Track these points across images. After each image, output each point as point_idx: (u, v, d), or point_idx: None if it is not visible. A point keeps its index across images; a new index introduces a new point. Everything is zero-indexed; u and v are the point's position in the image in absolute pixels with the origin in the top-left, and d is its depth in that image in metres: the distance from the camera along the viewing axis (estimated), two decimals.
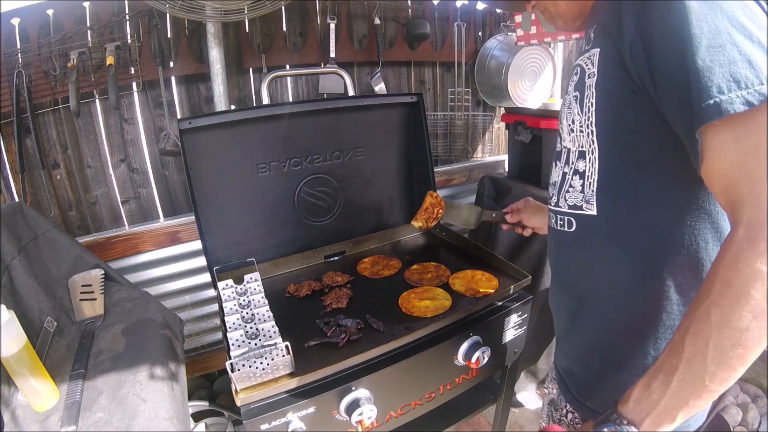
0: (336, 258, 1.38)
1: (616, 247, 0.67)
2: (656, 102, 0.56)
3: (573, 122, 0.68)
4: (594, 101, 0.64)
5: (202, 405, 1.58)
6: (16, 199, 1.47)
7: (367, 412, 0.84)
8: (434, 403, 1.02)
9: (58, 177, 1.55)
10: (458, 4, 2.04)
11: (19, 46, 1.40)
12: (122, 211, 1.67)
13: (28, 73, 1.39)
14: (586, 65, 0.65)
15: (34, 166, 1.48)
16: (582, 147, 0.68)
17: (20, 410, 0.82)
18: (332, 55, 1.76)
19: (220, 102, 1.45)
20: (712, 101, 0.47)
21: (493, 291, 1.09)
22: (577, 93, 0.67)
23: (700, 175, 0.53)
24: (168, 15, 1.52)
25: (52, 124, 1.50)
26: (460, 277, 1.16)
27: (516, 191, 1.80)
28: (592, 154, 0.67)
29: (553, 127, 1.66)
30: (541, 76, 2.02)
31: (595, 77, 0.63)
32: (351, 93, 1.47)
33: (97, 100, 1.54)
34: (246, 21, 1.64)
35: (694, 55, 0.49)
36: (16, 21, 1.38)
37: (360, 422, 0.85)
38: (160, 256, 1.58)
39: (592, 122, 0.65)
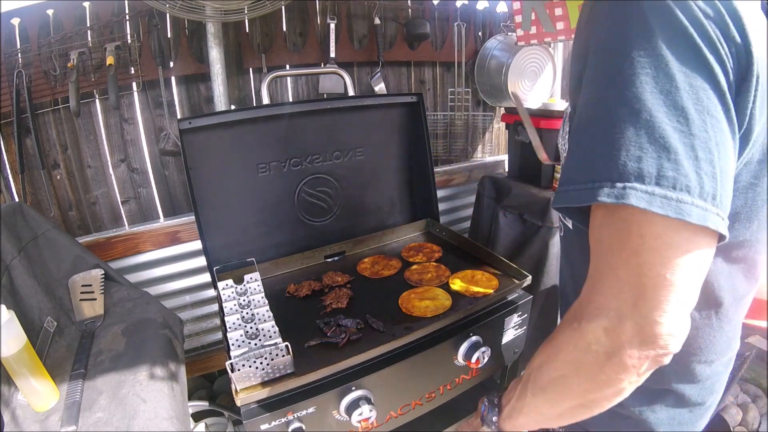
0: (336, 258, 1.38)
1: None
2: None
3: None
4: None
5: (202, 405, 1.58)
6: (16, 199, 1.47)
7: (367, 412, 0.84)
8: (434, 403, 1.02)
9: (58, 177, 1.55)
10: (458, 4, 2.04)
11: (19, 46, 1.40)
12: (122, 211, 1.67)
13: (28, 73, 1.39)
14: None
15: (34, 166, 1.48)
16: None
17: (20, 410, 0.82)
18: (332, 55, 1.76)
19: (220, 102, 1.45)
20: (595, 186, 0.44)
21: (493, 291, 1.09)
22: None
23: None
24: (168, 15, 1.52)
25: (52, 124, 1.50)
26: (460, 277, 1.16)
27: (516, 191, 1.80)
28: None
29: (553, 127, 1.66)
30: (541, 76, 2.02)
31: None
32: (351, 93, 1.47)
33: (97, 100, 1.54)
34: (246, 21, 1.64)
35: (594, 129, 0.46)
36: (16, 21, 1.38)
37: (360, 422, 0.85)
38: (160, 256, 1.58)
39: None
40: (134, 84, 1.56)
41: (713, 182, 0.41)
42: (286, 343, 0.83)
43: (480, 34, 2.15)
